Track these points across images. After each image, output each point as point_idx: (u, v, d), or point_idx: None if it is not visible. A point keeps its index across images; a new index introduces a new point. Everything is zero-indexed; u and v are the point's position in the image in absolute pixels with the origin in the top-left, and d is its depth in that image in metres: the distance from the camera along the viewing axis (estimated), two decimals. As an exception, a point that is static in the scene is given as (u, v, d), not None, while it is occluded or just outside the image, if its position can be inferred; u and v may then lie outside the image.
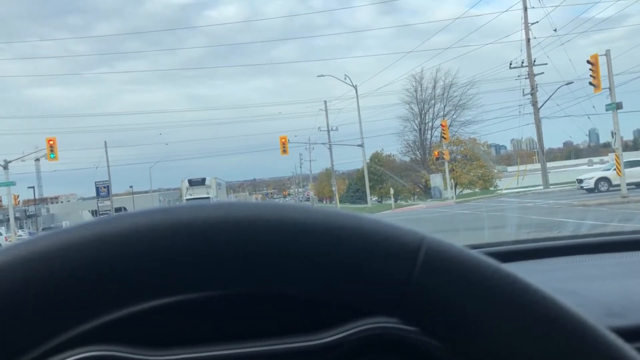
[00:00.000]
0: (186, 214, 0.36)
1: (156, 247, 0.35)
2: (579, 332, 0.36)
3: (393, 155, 52.46)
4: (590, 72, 21.44)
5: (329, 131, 45.32)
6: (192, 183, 39.21)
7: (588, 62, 21.51)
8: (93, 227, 0.36)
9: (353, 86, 40.18)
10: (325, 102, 47.00)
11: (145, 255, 0.35)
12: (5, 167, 30.48)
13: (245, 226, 0.36)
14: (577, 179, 27.94)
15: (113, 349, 0.42)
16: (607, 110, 21.75)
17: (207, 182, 39.00)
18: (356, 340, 0.45)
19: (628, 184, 23.71)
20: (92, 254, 0.35)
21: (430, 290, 0.37)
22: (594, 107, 34.59)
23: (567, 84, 32.01)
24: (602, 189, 25.12)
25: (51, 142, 27.17)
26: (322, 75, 43.57)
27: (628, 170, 24.08)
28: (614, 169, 25.38)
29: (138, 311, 0.42)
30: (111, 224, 0.36)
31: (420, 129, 47.22)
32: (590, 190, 25.12)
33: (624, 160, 24.83)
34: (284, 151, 34.61)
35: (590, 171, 29.68)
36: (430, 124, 46.92)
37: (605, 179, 25.73)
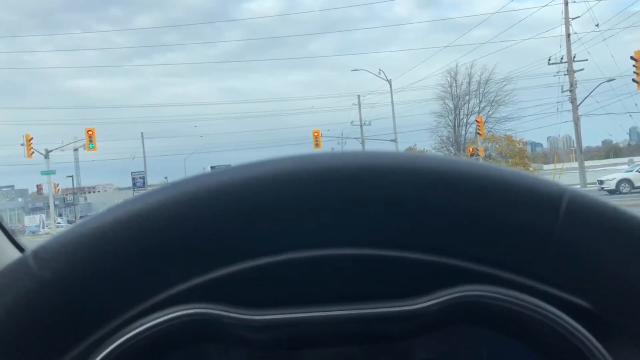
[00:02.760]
0: (317, 162, 0.35)
1: (282, 196, 0.34)
2: None
3: (427, 151, 52.04)
4: (634, 69, 20.84)
5: (361, 125, 45.23)
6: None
7: (632, 58, 20.92)
8: (216, 175, 0.35)
9: (387, 80, 39.98)
10: (358, 96, 46.94)
11: (264, 206, 0.34)
12: (46, 156, 31.38)
13: (384, 175, 0.34)
14: (597, 180, 27.62)
15: (209, 307, 0.43)
16: (650, 108, 21.11)
17: None
18: (446, 308, 0.44)
19: None
20: (212, 204, 0.34)
21: (575, 239, 0.35)
22: (636, 104, 33.65)
23: (608, 81, 31.21)
24: (623, 190, 24.84)
25: (90, 133, 27.82)
26: (356, 70, 43.49)
27: None
28: (637, 171, 25.06)
29: (238, 270, 0.42)
30: (229, 174, 0.35)
31: (454, 125, 46.67)
32: (611, 192, 24.95)
33: None
34: (317, 145, 34.68)
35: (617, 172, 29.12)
36: (464, 120, 46.35)
37: (627, 181, 25.69)
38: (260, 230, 0.36)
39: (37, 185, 55.31)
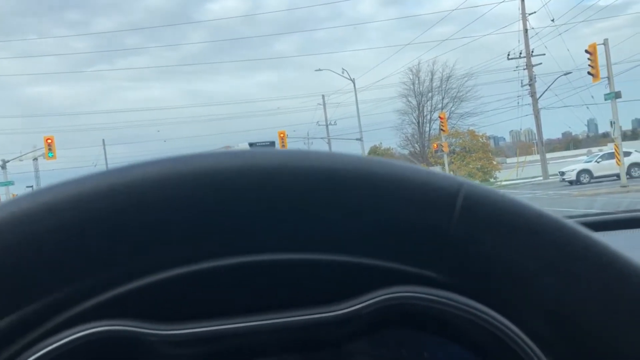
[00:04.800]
0: (202, 162, 0.33)
1: (171, 198, 0.32)
2: (634, 276, 0.33)
3: (392, 149, 52.41)
4: (589, 62, 21.37)
5: (327, 125, 45.24)
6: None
7: (586, 51, 21.44)
8: (103, 176, 0.32)
9: (351, 80, 40.07)
10: (323, 96, 46.92)
11: (159, 208, 0.32)
12: (4, 167, 30.42)
13: (269, 175, 0.33)
14: (559, 172, 28.45)
15: (122, 323, 0.40)
16: (605, 99, 21.70)
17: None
18: (375, 312, 0.43)
19: (608, 176, 23.99)
20: (103, 206, 0.31)
21: (471, 236, 0.34)
22: (592, 97, 34.52)
23: (565, 74, 31.97)
24: (583, 181, 25.71)
25: (49, 141, 27.09)
26: (320, 70, 43.46)
27: (607, 162, 24.45)
28: (595, 161, 25.99)
29: (148, 283, 0.40)
30: (116, 175, 0.32)
31: (418, 122, 47.11)
32: (572, 182, 25.85)
33: (602, 153, 25.14)
34: (283, 146, 34.55)
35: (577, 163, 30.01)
36: (428, 116, 46.84)
37: (586, 171, 26.48)
38: (170, 238, 0.34)
39: (-5, 197, 53.59)
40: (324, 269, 0.43)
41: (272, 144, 30.41)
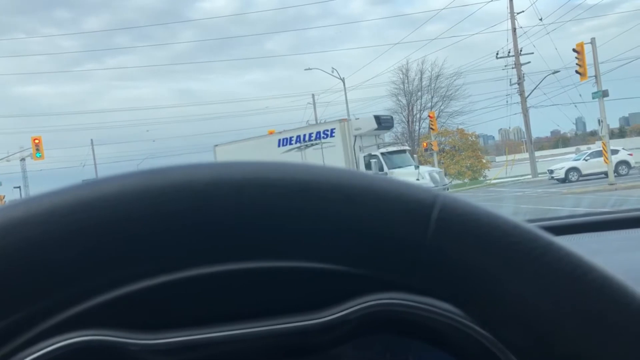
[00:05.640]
0: (178, 174, 0.33)
1: (149, 209, 0.32)
2: (608, 289, 0.34)
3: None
4: (577, 61, 21.52)
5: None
6: (382, 123, 24.62)
7: (574, 50, 21.59)
8: (81, 188, 0.33)
9: (340, 79, 40.07)
10: (312, 95, 46.89)
11: (136, 223, 0.32)
12: (-9, 168, 30.11)
13: (242, 188, 0.33)
14: (548, 170, 28.66)
15: (102, 333, 0.40)
16: (593, 98, 21.86)
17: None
18: (358, 319, 0.43)
19: (596, 174, 24.25)
20: (80, 219, 0.31)
21: (447, 250, 0.35)
22: (580, 95, 34.80)
23: (553, 73, 32.16)
24: (572, 179, 25.94)
25: (37, 141, 26.84)
26: (309, 69, 43.43)
27: (595, 160, 24.72)
28: (583, 159, 26.25)
29: (127, 292, 0.40)
30: (95, 187, 0.32)
31: (408, 121, 47.20)
32: (561, 181, 26.05)
33: (591, 151, 25.41)
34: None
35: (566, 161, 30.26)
36: (418, 115, 46.91)
37: (575, 169, 26.72)
38: (150, 246, 0.34)
39: (-18, 198, 53.06)
40: (305, 277, 0.43)
41: (391, 119, 28.10)
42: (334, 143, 24.10)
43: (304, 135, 25.29)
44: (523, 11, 35.30)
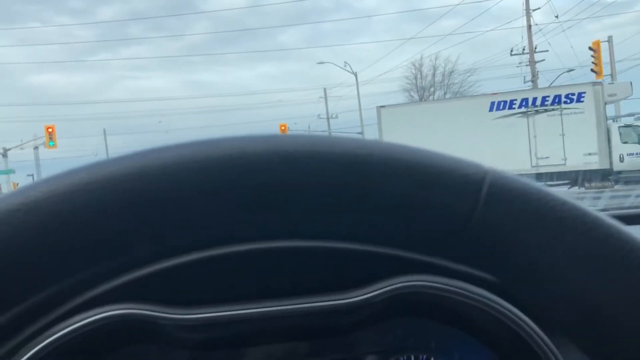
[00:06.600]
0: (229, 145, 0.32)
1: (195, 182, 0.32)
2: None
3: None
4: (592, 59, 21.28)
5: (328, 119, 45.15)
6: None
7: (590, 48, 21.35)
8: (126, 160, 0.33)
9: (353, 73, 39.97)
10: (324, 89, 46.81)
11: (184, 194, 0.31)
12: (5, 155, 30.42)
13: (295, 161, 0.32)
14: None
15: (138, 307, 0.41)
16: (608, 97, 21.59)
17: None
18: (386, 300, 0.43)
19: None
20: (126, 189, 0.31)
21: (494, 225, 0.34)
22: (595, 94, 34.35)
23: (568, 71, 31.84)
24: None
25: (50, 130, 27.06)
26: (322, 63, 43.34)
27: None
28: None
29: (163, 268, 0.40)
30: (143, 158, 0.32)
31: (420, 117, 46.94)
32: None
33: None
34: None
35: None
36: (430, 111, 46.61)
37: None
38: (186, 223, 0.34)
39: (-4, 185, 53.58)
40: (338, 258, 0.42)
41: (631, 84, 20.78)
42: (582, 109, 18.77)
43: (533, 99, 19.90)
44: (539, 8, 34.95)
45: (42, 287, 0.35)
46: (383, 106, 22.93)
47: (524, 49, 34.57)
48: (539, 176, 18.65)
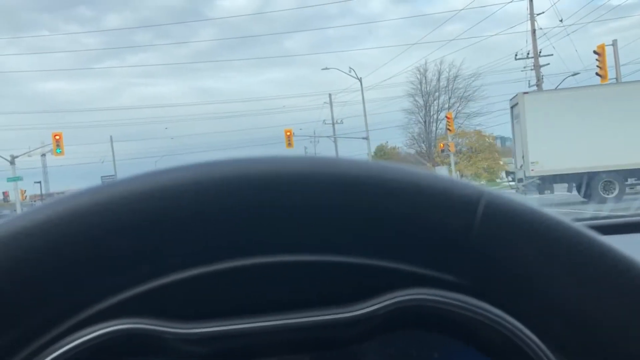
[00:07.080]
0: (232, 168, 0.34)
1: (199, 205, 0.33)
2: None
3: (398, 148, 52.40)
4: (597, 63, 21.29)
5: (333, 124, 45.29)
6: None
7: (595, 52, 21.37)
8: (132, 181, 0.34)
9: (357, 79, 40.10)
10: (329, 95, 46.98)
11: (187, 215, 0.33)
12: (12, 163, 30.64)
13: (293, 182, 0.34)
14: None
15: (141, 322, 0.41)
16: (614, 100, 21.58)
17: None
18: (387, 314, 0.44)
19: None
20: (135, 209, 0.33)
21: (491, 245, 0.35)
22: (600, 98, 34.29)
23: (572, 75, 31.83)
24: None
25: (57, 137, 27.27)
26: (326, 68, 43.51)
27: None
28: None
29: (167, 283, 0.41)
30: (142, 180, 0.34)
31: (425, 121, 47.08)
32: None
33: None
34: (289, 144, 34.59)
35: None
36: (435, 116, 46.75)
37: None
38: (191, 239, 0.35)
39: (3, 193, 53.95)
40: (341, 271, 0.43)
41: None
42: None
43: None
44: (543, 12, 35.03)
45: (47, 304, 0.36)
46: (526, 92, 20.26)
47: (528, 53, 34.62)
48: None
